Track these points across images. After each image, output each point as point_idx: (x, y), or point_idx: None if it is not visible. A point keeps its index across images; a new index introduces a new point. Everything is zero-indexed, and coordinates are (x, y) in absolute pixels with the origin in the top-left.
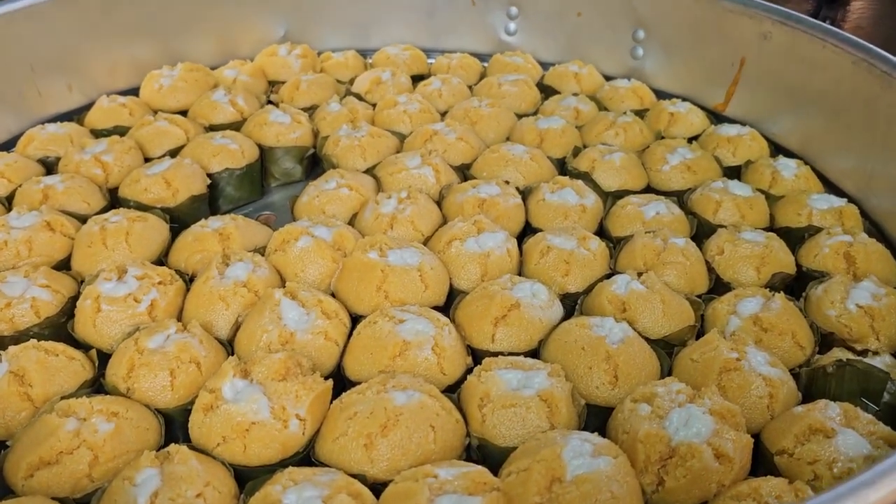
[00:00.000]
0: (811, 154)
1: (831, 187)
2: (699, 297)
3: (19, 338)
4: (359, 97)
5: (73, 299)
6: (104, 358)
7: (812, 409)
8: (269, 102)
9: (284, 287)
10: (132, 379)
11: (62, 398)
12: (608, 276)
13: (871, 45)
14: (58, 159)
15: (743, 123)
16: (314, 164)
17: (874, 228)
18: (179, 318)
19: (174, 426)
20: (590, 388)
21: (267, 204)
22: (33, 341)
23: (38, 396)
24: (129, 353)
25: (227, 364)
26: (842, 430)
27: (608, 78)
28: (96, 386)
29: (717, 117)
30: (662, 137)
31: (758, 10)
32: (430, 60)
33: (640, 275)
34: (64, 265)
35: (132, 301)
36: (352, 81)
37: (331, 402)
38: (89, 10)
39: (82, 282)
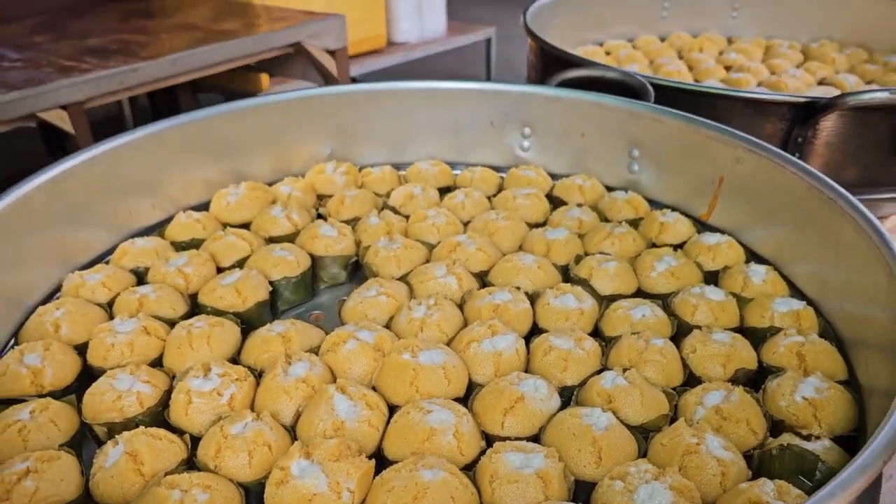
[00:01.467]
0: (780, 261)
1: (795, 290)
2: (674, 389)
3: (127, 424)
4: (394, 210)
5: (167, 392)
6: (195, 441)
7: (753, 485)
8: (319, 216)
9: (336, 383)
10: (219, 458)
11: (166, 474)
12: (599, 372)
13: (820, 174)
14: (146, 269)
15: (723, 232)
16: (356, 268)
17: (829, 327)
18: (253, 408)
19: (251, 497)
20: (578, 467)
21: (317, 304)
22: (140, 427)
23: (148, 472)
24: (216, 438)
25: (294, 447)
26: (774, 502)
27: (609, 189)
28: (190, 464)
29: (702, 225)
30: (654, 244)
31: (731, 137)
32: (455, 172)
33: (624, 371)
34: (157, 363)
35: (216, 394)
36: (388, 194)
37: (373, 478)
38: (172, 142)
39: (174, 377)
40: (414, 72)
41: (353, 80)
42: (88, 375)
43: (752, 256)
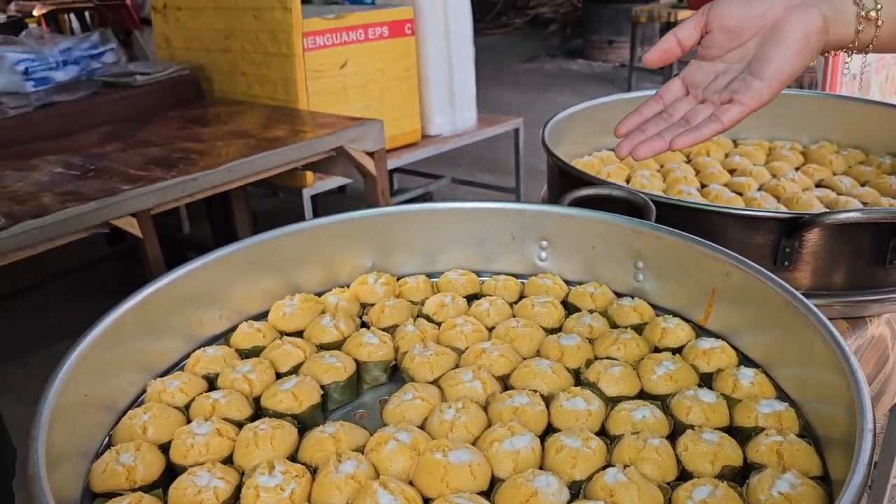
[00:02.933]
0: (767, 364)
1: (781, 392)
2: (668, 483)
3: None
4: (428, 318)
5: (238, 487)
6: None
7: None
8: (363, 324)
9: (379, 479)
10: None
11: None
12: (604, 468)
13: (794, 291)
14: (216, 375)
15: (718, 336)
16: (395, 370)
17: (808, 426)
18: (309, 501)
19: None
20: None
21: (361, 403)
22: None
23: None
24: None
25: None
26: None
27: (618, 295)
28: None
29: (700, 329)
30: (657, 348)
31: (719, 254)
32: (482, 279)
33: (625, 467)
34: (228, 460)
35: (279, 489)
36: (423, 302)
37: None
38: (237, 261)
39: (243, 473)
40: (447, 158)
41: (390, 175)
42: (171, 472)
43: (744, 359)
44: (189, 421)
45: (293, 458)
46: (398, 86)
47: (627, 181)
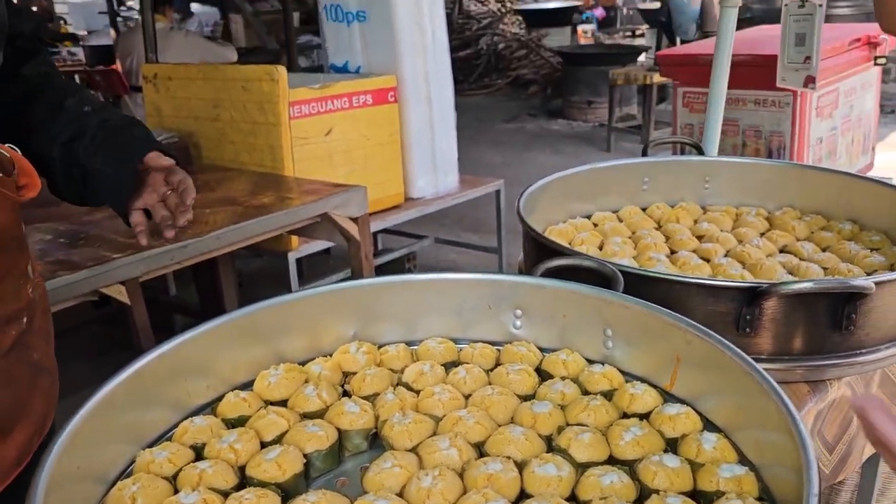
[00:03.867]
0: (730, 428)
1: (742, 456)
2: None
3: None
4: (407, 386)
5: None
6: None
7: None
8: (345, 393)
9: None
10: None
11: None
12: None
13: (750, 360)
14: (203, 445)
15: (683, 402)
16: (375, 437)
17: (767, 489)
18: None
19: None
20: None
21: (342, 471)
22: None
23: None
24: None
25: None
26: None
27: (590, 361)
28: None
29: (667, 394)
30: (626, 413)
31: (682, 323)
32: (459, 347)
33: None
34: None
35: None
36: (403, 371)
37: None
38: (225, 332)
39: None
40: (430, 217)
41: (375, 236)
42: None
43: (708, 424)
44: (177, 491)
45: None
46: (382, 151)
47: (601, 248)
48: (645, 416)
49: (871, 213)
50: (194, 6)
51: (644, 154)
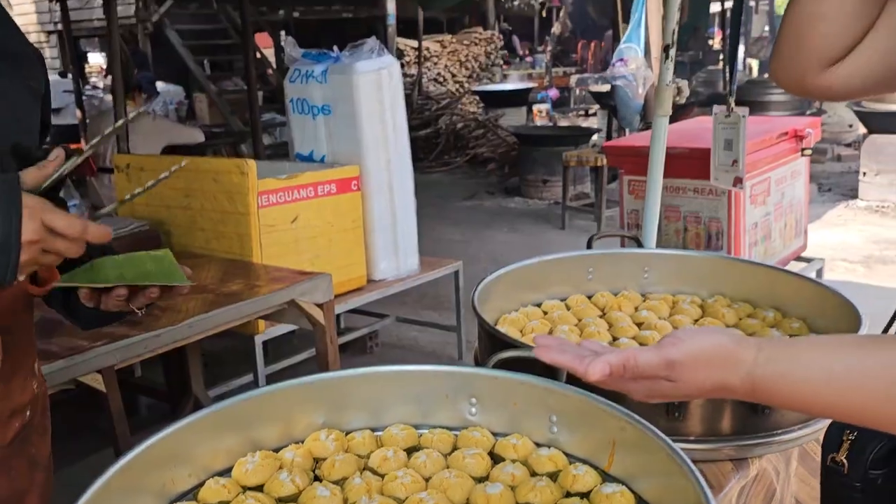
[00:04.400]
0: None
1: None
2: None
3: None
4: (373, 470)
5: None
6: None
7: None
8: (316, 478)
9: None
10: None
11: None
12: None
13: (671, 443)
14: None
15: (620, 481)
16: None
17: None
18: None
19: None
20: None
21: None
22: None
23: None
24: None
25: None
26: None
27: (538, 445)
28: None
29: (605, 474)
30: (569, 493)
31: (615, 410)
32: (420, 432)
33: None
34: None
35: None
36: (369, 456)
37: None
38: (205, 424)
39: None
40: (391, 299)
41: (338, 316)
42: None
43: (641, 502)
44: None
45: None
46: (346, 236)
47: (550, 334)
48: (586, 495)
49: (792, 302)
50: (159, 84)
51: (589, 246)
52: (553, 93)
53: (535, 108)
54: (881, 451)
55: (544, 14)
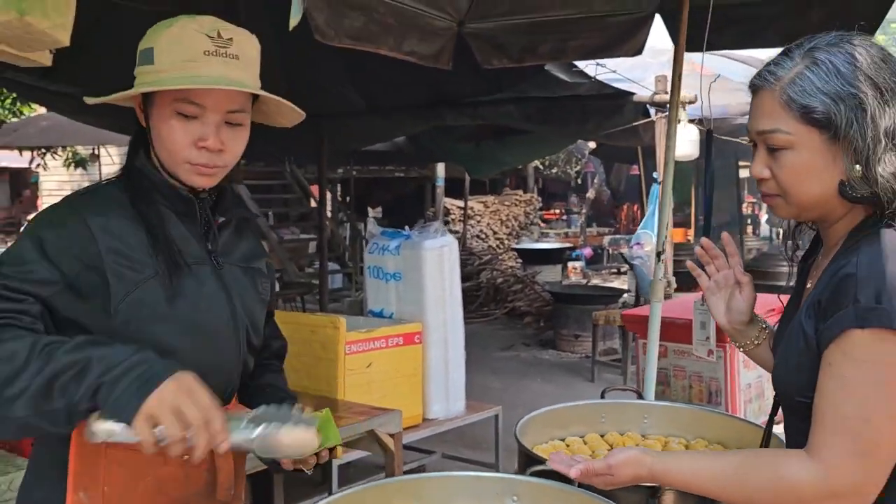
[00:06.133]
0: None
1: None
2: None
3: None
4: None
5: None
6: None
7: None
8: None
9: None
10: None
11: None
12: None
13: None
14: None
15: None
16: None
17: None
18: None
19: None
20: None
21: None
22: None
23: None
24: None
25: None
26: None
27: None
28: None
29: None
30: None
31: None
32: None
33: None
34: None
35: None
36: None
37: None
38: None
39: None
40: (437, 436)
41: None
42: None
43: None
44: None
45: None
46: (407, 380)
47: None
48: None
49: (755, 443)
50: None
51: (602, 397)
52: (587, 251)
53: (570, 265)
54: None
55: (579, 181)
